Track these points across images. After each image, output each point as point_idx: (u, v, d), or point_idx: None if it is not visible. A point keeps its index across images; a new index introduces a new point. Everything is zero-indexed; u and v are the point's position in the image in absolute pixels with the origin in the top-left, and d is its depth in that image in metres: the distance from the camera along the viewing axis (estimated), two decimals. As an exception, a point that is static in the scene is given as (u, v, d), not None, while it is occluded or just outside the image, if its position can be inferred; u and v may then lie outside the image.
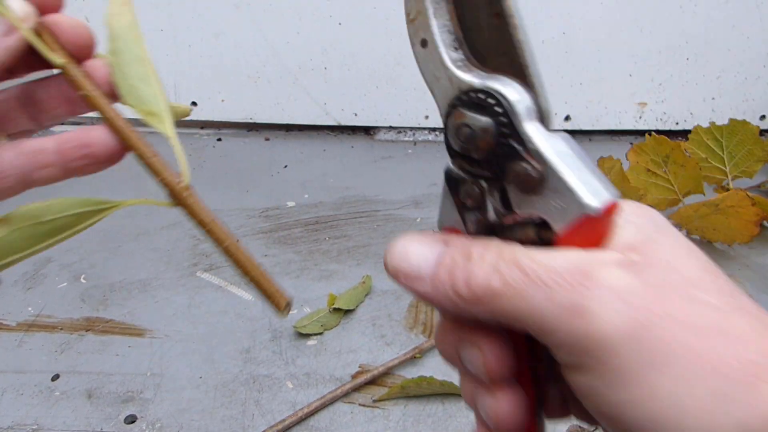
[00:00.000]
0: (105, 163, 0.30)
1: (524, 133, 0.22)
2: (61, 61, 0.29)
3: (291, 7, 0.98)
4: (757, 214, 0.71)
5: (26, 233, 0.29)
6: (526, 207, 0.23)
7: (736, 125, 0.83)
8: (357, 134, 1.11)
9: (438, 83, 0.24)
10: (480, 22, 0.23)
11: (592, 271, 0.20)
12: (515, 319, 0.21)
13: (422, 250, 0.25)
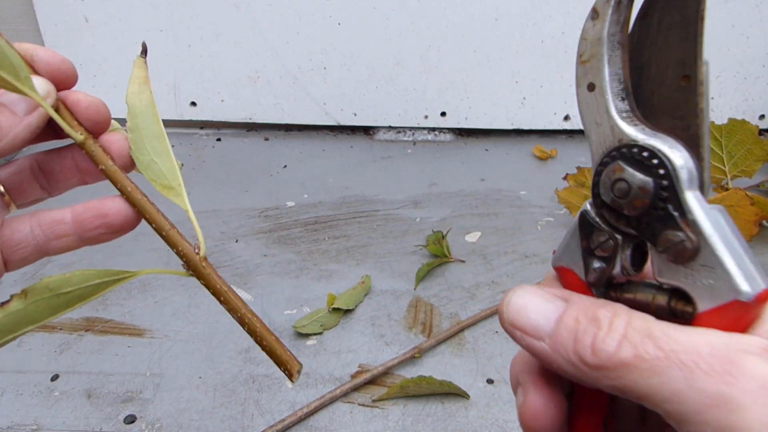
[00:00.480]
0: (120, 231, 0.32)
1: (684, 201, 0.21)
2: (81, 137, 0.31)
3: (291, 7, 0.98)
4: (757, 213, 0.71)
5: (43, 305, 0.30)
6: (668, 276, 0.22)
7: (736, 125, 0.83)
8: (356, 134, 1.11)
9: (597, 129, 0.23)
10: (664, 79, 0.22)
11: (738, 359, 0.19)
12: (644, 396, 0.20)
13: (543, 308, 0.24)
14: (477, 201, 0.89)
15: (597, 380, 0.21)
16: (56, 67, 0.30)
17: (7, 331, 0.30)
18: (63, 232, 0.32)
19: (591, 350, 0.21)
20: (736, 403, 0.18)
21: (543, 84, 1.03)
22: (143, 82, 0.33)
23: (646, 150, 0.22)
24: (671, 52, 0.22)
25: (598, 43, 0.23)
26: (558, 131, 1.09)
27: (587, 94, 0.23)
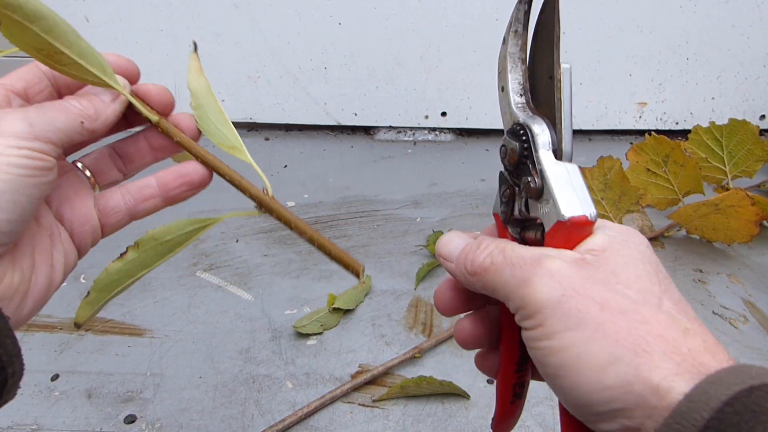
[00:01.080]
0: (199, 187, 0.40)
1: (536, 157, 0.31)
2: (156, 118, 0.37)
3: (291, 7, 0.98)
4: (757, 213, 0.71)
5: (151, 252, 0.37)
6: (533, 211, 0.32)
7: (736, 125, 0.83)
8: (357, 134, 1.11)
9: (505, 117, 0.34)
10: (542, 79, 0.32)
11: (543, 259, 0.28)
12: (493, 288, 0.30)
13: (456, 241, 0.34)
14: (477, 201, 0.89)
15: (475, 284, 0.31)
16: (124, 67, 0.37)
17: (127, 276, 0.37)
18: (150, 195, 0.39)
19: (471, 263, 0.31)
20: (530, 281, 0.27)
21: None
22: (198, 70, 0.41)
23: (520, 126, 0.32)
24: (545, 61, 0.32)
25: (504, 60, 0.34)
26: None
27: (501, 94, 0.34)
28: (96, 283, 0.36)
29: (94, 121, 0.34)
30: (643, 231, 0.81)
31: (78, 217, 0.37)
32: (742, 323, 0.66)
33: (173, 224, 0.37)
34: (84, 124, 0.34)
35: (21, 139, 0.30)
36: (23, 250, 0.33)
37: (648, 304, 0.26)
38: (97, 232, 0.38)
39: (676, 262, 0.76)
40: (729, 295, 0.70)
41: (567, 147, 0.31)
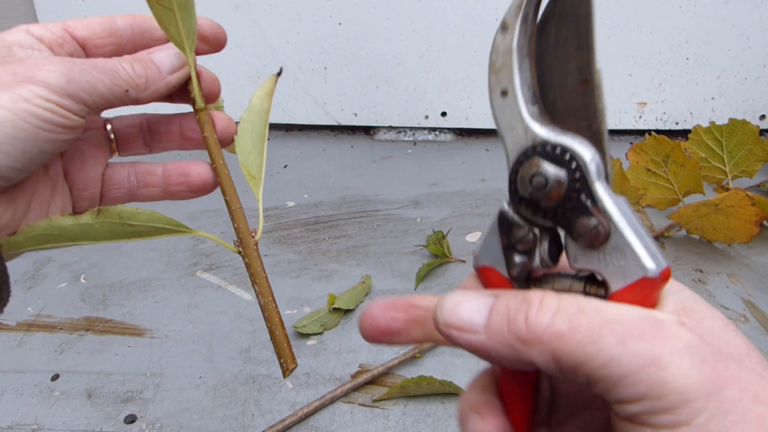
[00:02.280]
0: (198, 192, 0.37)
1: (595, 190, 0.24)
2: (203, 105, 0.36)
3: (291, 7, 0.98)
4: (757, 213, 0.71)
5: (108, 227, 0.34)
6: (583, 261, 0.24)
7: (736, 125, 0.83)
8: (357, 134, 1.11)
9: (512, 133, 0.26)
10: (566, 84, 0.25)
11: (663, 325, 0.21)
12: (580, 365, 0.21)
13: (474, 303, 0.25)
14: (477, 201, 0.89)
15: (534, 356, 0.22)
16: (211, 33, 0.35)
17: (67, 238, 0.33)
18: (152, 183, 0.37)
19: (525, 326, 0.22)
20: (666, 361, 0.20)
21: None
22: (269, 94, 0.40)
23: (559, 147, 0.24)
24: (570, 60, 0.24)
25: (508, 53, 0.25)
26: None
27: (501, 101, 0.26)
28: (32, 228, 0.32)
29: (141, 92, 0.33)
30: (643, 231, 0.81)
31: (83, 178, 0.36)
32: (742, 323, 0.66)
33: (145, 212, 0.34)
34: (129, 92, 0.32)
35: (52, 91, 0.29)
36: (22, 192, 0.32)
37: None
38: (95, 201, 0.37)
39: (676, 262, 0.76)
40: (729, 295, 0.70)
41: (611, 174, 0.25)
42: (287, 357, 0.36)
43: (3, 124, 0.28)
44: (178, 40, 0.33)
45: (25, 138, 0.28)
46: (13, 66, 0.29)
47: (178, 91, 0.36)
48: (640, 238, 0.23)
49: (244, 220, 0.37)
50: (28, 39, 0.32)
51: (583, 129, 0.25)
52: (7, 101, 0.28)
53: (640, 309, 0.22)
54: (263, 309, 0.36)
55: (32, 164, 0.30)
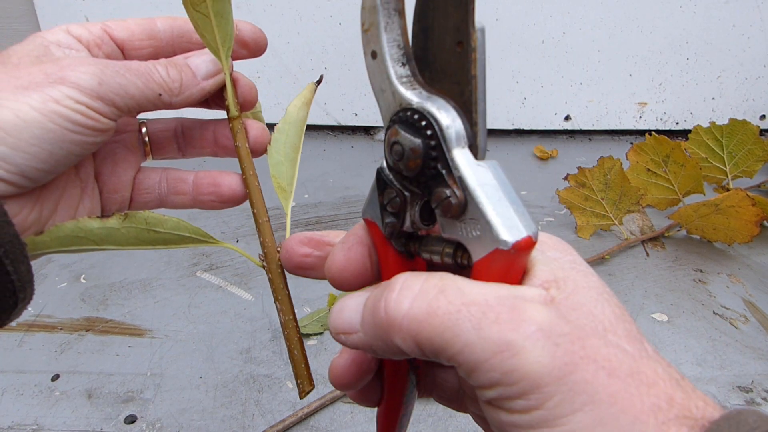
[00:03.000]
0: (227, 203, 0.37)
1: (451, 158, 0.23)
2: (237, 113, 0.35)
3: (291, 7, 0.98)
4: (757, 213, 0.71)
5: (133, 233, 0.33)
6: (448, 230, 0.23)
7: (736, 125, 0.83)
8: (357, 134, 1.11)
9: (383, 96, 0.24)
10: (444, 44, 0.22)
11: (521, 306, 0.21)
12: (439, 350, 0.21)
13: (353, 302, 0.25)
14: (477, 201, 0.88)
15: (398, 342, 0.22)
16: (251, 38, 0.35)
17: (94, 241, 0.32)
18: (182, 191, 0.37)
19: (385, 313, 0.22)
20: (517, 346, 0.20)
21: (543, 84, 1.03)
22: (306, 102, 0.38)
23: (417, 113, 0.23)
24: (449, 18, 0.22)
25: (374, 12, 0.23)
26: (558, 131, 1.09)
27: (372, 62, 0.24)
28: (58, 228, 0.31)
29: (174, 96, 0.32)
30: (644, 231, 0.81)
31: (114, 181, 0.35)
32: (742, 323, 0.66)
33: (172, 219, 0.33)
34: (162, 96, 0.31)
35: (83, 93, 0.28)
36: (50, 192, 0.31)
37: (642, 356, 0.21)
38: (124, 205, 0.36)
39: (676, 262, 0.76)
40: (729, 295, 0.70)
41: (482, 142, 0.23)
42: (304, 378, 0.35)
43: (31, 125, 0.27)
44: (214, 47, 0.33)
45: (52, 140, 0.28)
46: (47, 66, 0.29)
47: (214, 97, 0.36)
48: (498, 208, 0.22)
49: (270, 235, 0.36)
50: (67, 39, 0.32)
51: (455, 94, 0.23)
52: (36, 102, 0.27)
53: (502, 287, 0.22)
54: (283, 327, 0.35)
55: (59, 166, 0.29)
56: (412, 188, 0.24)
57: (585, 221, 0.80)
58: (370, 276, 0.28)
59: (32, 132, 0.27)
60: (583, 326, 0.21)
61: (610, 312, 0.22)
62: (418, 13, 0.23)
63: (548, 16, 0.98)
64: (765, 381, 0.58)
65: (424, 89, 0.24)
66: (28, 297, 0.29)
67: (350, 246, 0.28)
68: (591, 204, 0.80)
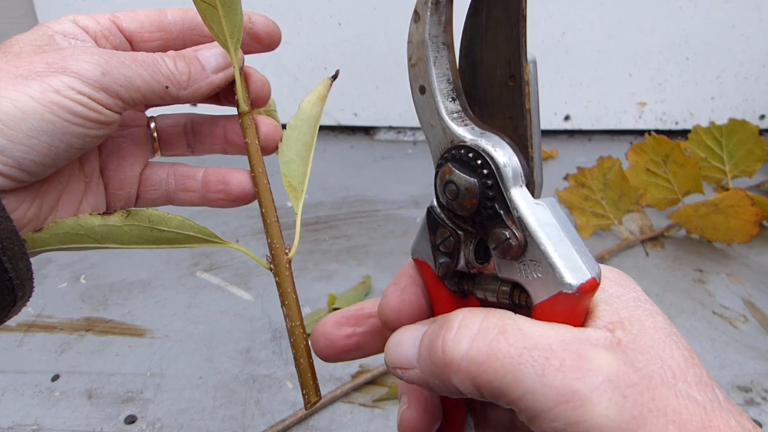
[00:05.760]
0: (236, 201, 0.35)
1: (509, 198, 0.22)
2: (247, 109, 0.34)
3: (291, 7, 0.98)
4: (757, 213, 0.71)
5: (136, 231, 0.31)
6: (506, 271, 0.23)
7: (736, 125, 0.83)
8: (357, 134, 1.11)
9: (433, 131, 0.24)
10: (494, 78, 0.22)
11: (587, 353, 0.20)
12: (499, 394, 0.20)
13: (410, 337, 0.24)
14: (477, 201, 0.89)
15: (456, 383, 0.21)
16: (265, 31, 0.34)
17: (95, 239, 0.31)
18: (190, 188, 0.35)
19: (442, 353, 0.21)
20: (584, 398, 0.19)
21: (543, 84, 1.03)
22: (321, 98, 0.37)
23: (472, 150, 0.22)
24: (499, 51, 0.21)
25: (422, 46, 0.23)
26: (558, 131, 1.09)
27: (420, 98, 0.24)
28: (58, 225, 0.30)
29: (181, 90, 0.31)
30: (643, 231, 0.81)
31: (119, 177, 0.34)
32: (742, 323, 0.66)
33: (176, 218, 0.32)
34: (169, 89, 0.30)
35: (85, 84, 0.27)
36: (51, 187, 0.30)
37: (714, 407, 0.20)
38: (130, 201, 0.35)
39: (676, 262, 0.76)
40: (729, 295, 0.70)
41: (539, 177, 0.23)
42: (310, 389, 0.33)
43: (29, 116, 0.26)
44: (222, 39, 0.31)
45: (52, 132, 0.27)
46: (48, 55, 0.28)
47: (225, 92, 0.34)
48: (560, 249, 0.21)
49: (279, 236, 0.34)
50: (73, 29, 0.31)
51: (509, 129, 0.22)
52: (36, 92, 0.26)
53: (567, 330, 0.21)
54: (290, 333, 0.34)
55: (60, 160, 0.28)
56: (466, 227, 0.24)
57: (585, 221, 0.80)
58: (426, 316, 0.27)
59: (30, 123, 0.26)
60: (652, 374, 0.20)
61: (679, 356, 0.21)
62: (465, 47, 0.23)
63: (548, 16, 0.98)
64: (764, 381, 0.58)
65: (476, 125, 0.23)
66: (28, 294, 0.28)
67: (404, 287, 0.27)
68: (590, 204, 0.80)
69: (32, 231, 0.29)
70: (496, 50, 0.22)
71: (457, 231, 0.24)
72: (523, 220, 0.22)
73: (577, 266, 0.21)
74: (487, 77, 0.22)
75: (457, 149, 0.23)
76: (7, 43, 0.29)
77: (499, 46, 0.21)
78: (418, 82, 0.23)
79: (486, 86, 0.22)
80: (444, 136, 0.23)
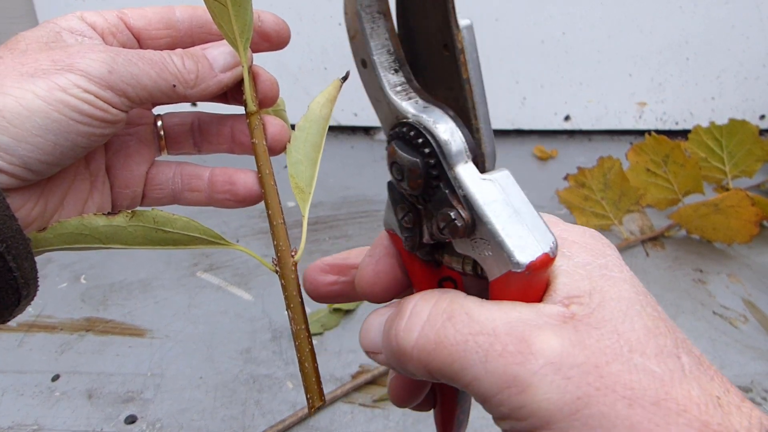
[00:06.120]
0: (243, 202, 0.35)
1: (453, 177, 0.21)
2: (255, 109, 0.33)
3: (291, 7, 0.98)
4: (757, 213, 0.71)
5: (141, 232, 0.31)
6: (461, 247, 0.22)
7: (736, 125, 0.83)
8: (357, 134, 1.11)
9: (379, 107, 0.23)
10: (431, 48, 0.20)
11: (530, 335, 0.20)
12: (453, 380, 0.21)
13: (377, 321, 0.25)
14: (477, 201, 0.89)
15: (411, 370, 0.22)
16: (274, 29, 0.34)
17: (99, 240, 0.31)
18: (197, 187, 0.35)
19: (395, 339, 0.22)
20: (525, 383, 0.19)
21: (543, 84, 1.03)
22: (330, 99, 0.37)
23: (413, 128, 0.21)
24: (429, 19, 0.20)
25: (356, 18, 0.21)
26: (558, 131, 1.09)
27: (363, 71, 0.22)
28: (62, 225, 0.30)
29: (189, 88, 0.30)
30: (643, 231, 0.81)
31: (125, 175, 0.34)
32: (742, 323, 0.66)
33: (182, 219, 0.32)
34: (176, 88, 0.30)
35: (91, 81, 0.27)
36: (56, 186, 0.30)
37: (674, 378, 0.20)
38: (136, 200, 0.35)
39: (676, 262, 0.76)
40: (729, 295, 0.70)
41: (489, 147, 0.22)
42: (314, 393, 0.32)
43: (34, 114, 0.26)
44: (231, 38, 0.31)
45: (57, 130, 0.26)
46: (55, 52, 0.27)
47: (233, 91, 0.34)
48: (508, 227, 0.21)
49: (285, 238, 0.33)
50: (80, 25, 0.30)
51: (451, 100, 0.20)
52: (42, 90, 0.26)
53: (515, 309, 0.20)
54: (295, 337, 0.33)
55: (65, 159, 0.28)
56: (419, 202, 0.23)
57: (585, 221, 0.80)
58: (404, 285, 0.27)
59: (36, 122, 0.26)
60: (603, 350, 0.19)
61: (641, 326, 0.20)
62: (399, 15, 0.21)
63: (548, 16, 0.98)
64: (764, 380, 0.58)
65: (421, 97, 0.22)
66: (32, 294, 0.28)
67: (378, 259, 0.27)
68: (591, 204, 0.80)
69: (36, 230, 0.29)
70: (427, 18, 0.20)
71: (416, 206, 0.23)
72: (468, 199, 0.21)
73: (526, 243, 0.20)
74: (425, 46, 0.21)
75: (401, 126, 0.22)
76: (14, 39, 0.29)
77: (429, 12, 0.20)
78: (359, 56, 0.22)
79: (425, 56, 0.21)
80: (389, 112, 0.22)
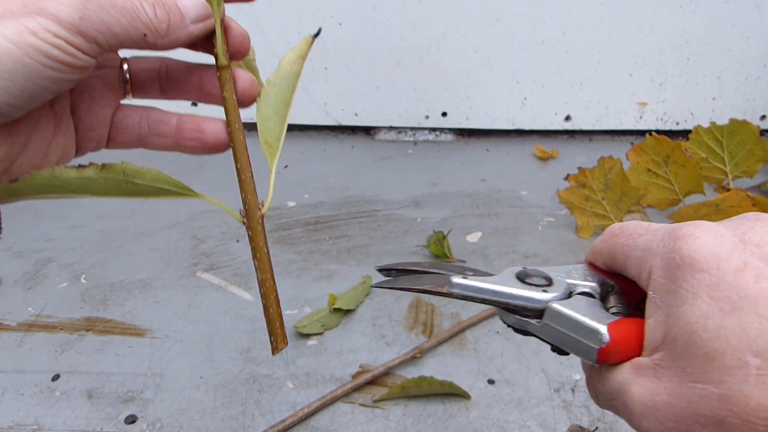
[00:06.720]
0: (210, 150, 0.35)
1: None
2: (225, 62, 0.34)
3: (291, 7, 0.98)
4: (758, 214, 0.71)
5: (111, 184, 0.32)
6: None
7: (737, 125, 0.83)
8: (357, 134, 1.11)
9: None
10: None
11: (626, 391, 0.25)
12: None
13: None
14: (478, 201, 0.89)
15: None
16: None
17: (69, 190, 0.32)
18: (164, 133, 0.35)
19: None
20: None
21: (544, 84, 1.03)
22: (301, 56, 0.38)
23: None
24: None
25: None
26: (559, 131, 1.09)
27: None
28: (33, 177, 0.30)
29: (159, 38, 0.30)
30: (644, 231, 0.81)
31: (90, 118, 0.34)
32: (742, 323, 0.66)
33: (151, 171, 0.32)
34: (147, 37, 0.30)
35: (62, 27, 0.27)
36: (21, 128, 0.30)
37: None
38: (101, 143, 0.35)
39: (677, 262, 0.76)
40: (729, 296, 0.70)
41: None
42: (278, 336, 0.35)
43: (3, 58, 0.25)
44: None
45: (26, 74, 0.26)
46: None
47: (203, 41, 0.34)
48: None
49: (252, 191, 0.35)
50: None
51: None
52: (11, 32, 0.26)
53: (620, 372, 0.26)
54: (260, 284, 0.35)
55: (32, 102, 0.28)
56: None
57: (585, 221, 0.80)
58: None
59: (5, 65, 0.26)
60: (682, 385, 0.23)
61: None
62: None
63: (548, 16, 0.98)
64: (765, 381, 0.58)
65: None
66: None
67: None
68: (591, 204, 0.80)
69: (1, 172, 0.30)
70: None
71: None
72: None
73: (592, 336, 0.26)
74: None
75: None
76: None
77: None
78: None
79: None
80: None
